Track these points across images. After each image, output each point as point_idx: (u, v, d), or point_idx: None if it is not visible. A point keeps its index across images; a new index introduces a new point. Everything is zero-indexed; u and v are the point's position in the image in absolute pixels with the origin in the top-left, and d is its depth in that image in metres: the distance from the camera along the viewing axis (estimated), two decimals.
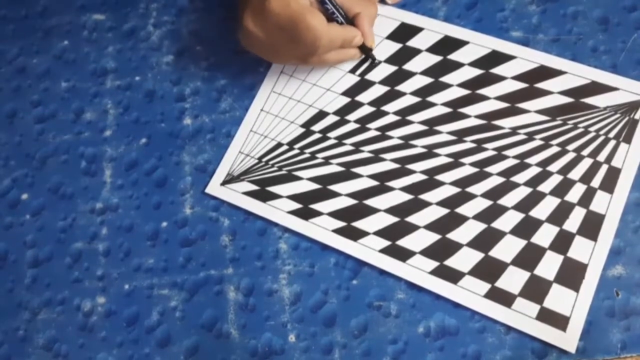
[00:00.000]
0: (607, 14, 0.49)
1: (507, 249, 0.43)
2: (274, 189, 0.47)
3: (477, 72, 0.48)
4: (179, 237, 0.47)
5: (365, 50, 0.48)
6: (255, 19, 0.44)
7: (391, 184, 0.46)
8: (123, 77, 0.52)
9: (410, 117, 0.47)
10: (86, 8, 0.55)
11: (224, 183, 0.48)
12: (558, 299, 0.41)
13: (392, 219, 0.45)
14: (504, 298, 0.42)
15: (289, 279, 0.45)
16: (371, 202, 0.45)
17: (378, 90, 0.49)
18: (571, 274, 0.42)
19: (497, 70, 0.48)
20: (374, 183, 0.46)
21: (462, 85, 0.48)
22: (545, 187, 0.44)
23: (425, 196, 0.45)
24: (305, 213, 0.46)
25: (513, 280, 0.42)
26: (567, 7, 0.49)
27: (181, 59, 0.52)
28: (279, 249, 0.46)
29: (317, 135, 0.48)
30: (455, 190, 0.45)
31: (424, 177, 0.46)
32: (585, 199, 0.43)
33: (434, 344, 0.42)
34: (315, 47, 0.44)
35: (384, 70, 0.49)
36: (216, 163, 0.49)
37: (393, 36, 0.50)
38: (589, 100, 0.46)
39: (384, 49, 0.50)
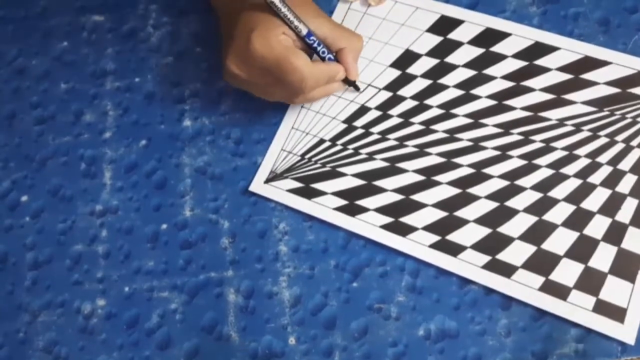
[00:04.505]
0: (608, 15, 0.49)
1: (560, 241, 0.43)
2: (318, 185, 0.47)
3: (521, 63, 0.48)
4: (178, 240, 0.47)
5: (349, 82, 0.48)
6: (239, 62, 0.44)
7: (438, 178, 0.46)
8: (122, 78, 0.52)
9: (454, 110, 0.47)
10: (85, 9, 0.55)
11: (267, 181, 0.47)
12: (614, 290, 0.41)
13: (440, 214, 0.45)
14: (558, 291, 0.42)
15: (289, 281, 0.45)
16: (418, 197, 0.45)
17: (420, 84, 0.48)
18: (626, 266, 0.41)
19: (541, 62, 0.47)
20: (420, 178, 0.46)
21: (506, 77, 0.47)
22: (596, 178, 0.44)
23: (474, 190, 0.45)
24: (352, 209, 0.46)
25: (567, 272, 0.42)
26: (567, 9, 0.49)
27: (181, 61, 0.52)
28: (279, 251, 0.46)
29: (359, 131, 0.48)
30: (504, 183, 0.45)
31: (471, 170, 0.45)
32: (637, 190, 0.43)
33: (434, 347, 0.42)
34: (302, 87, 0.44)
35: (426, 63, 0.49)
36: (215, 165, 0.49)
37: (433, 29, 0.50)
38: (636, 91, 0.45)
39: (424, 42, 0.49)
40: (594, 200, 0.43)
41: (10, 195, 0.50)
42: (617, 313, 0.41)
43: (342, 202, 0.46)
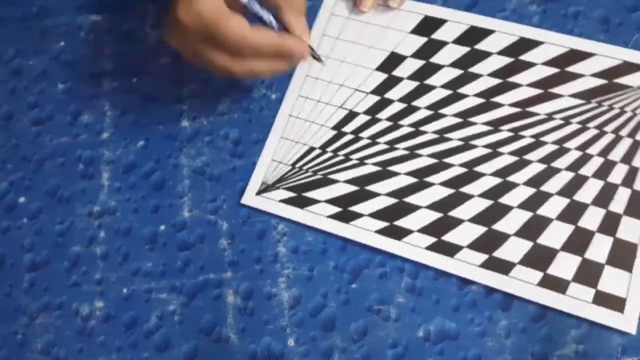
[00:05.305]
0: (609, 14, 0.48)
1: (556, 235, 0.43)
2: (311, 194, 0.46)
3: (506, 60, 0.47)
4: (177, 241, 0.47)
5: (313, 56, 0.46)
6: (173, 32, 0.42)
7: (430, 179, 0.45)
8: (120, 78, 0.52)
9: (442, 111, 0.47)
10: (83, 9, 0.55)
11: (259, 192, 0.47)
12: (612, 281, 0.41)
13: (435, 215, 0.44)
14: (557, 284, 0.41)
15: (288, 282, 0.45)
16: (412, 199, 0.45)
17: (407, 86, 0.48)
18: (623, 255, 0.41)
19: (526, 57, 0.47)
20: (412, 180, 0.46)
21: (493, 74, 0.47)
22: (587, 170, 0.44)
23: (467, 189, 0.45)
24: (346, 216, 0.45)
25: (565, 266, 0.42)
26: (568, 7, 0.49)
27: (178, 61, 0.52)
28: (278, 252, 0.45)
29: (349, 137, 0.48)
30: (496, 180, 0.45)
31: (463, 169, 0.45)
32: (629, 179, 0.43)
33: (434, 348, 0.42)
34: (241, 45, 0.40)
35: (412, 65, 0.49)
36: (214, 166, 0.48)
37: (417, 30, 0.50)
38: (622, 80, 0.45)
39: (409, 43, 0.49)
40: (587, 192, 0.43)
41: (8, 196, 0.49)
42: (616, 303, 0.41)
43: (336, 209, 0.46)
